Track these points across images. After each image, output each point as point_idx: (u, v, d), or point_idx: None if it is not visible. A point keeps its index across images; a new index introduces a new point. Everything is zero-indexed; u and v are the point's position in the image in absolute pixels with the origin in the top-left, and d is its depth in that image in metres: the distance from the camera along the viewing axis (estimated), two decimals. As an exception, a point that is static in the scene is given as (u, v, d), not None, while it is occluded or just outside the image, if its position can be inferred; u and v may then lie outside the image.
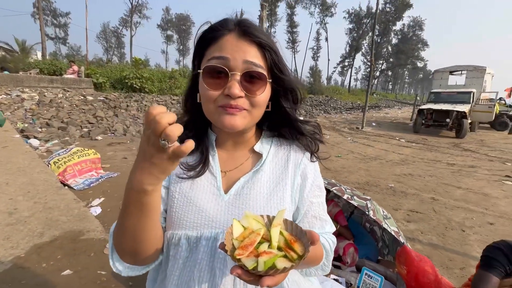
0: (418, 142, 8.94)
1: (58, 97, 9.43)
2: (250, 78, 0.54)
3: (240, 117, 0.55)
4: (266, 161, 0.65)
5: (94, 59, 24.77)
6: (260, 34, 0.55)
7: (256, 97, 0.55)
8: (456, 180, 4.88)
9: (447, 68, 12.71)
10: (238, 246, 0.43)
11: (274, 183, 0.63)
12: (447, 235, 2.95)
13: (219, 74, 0.53)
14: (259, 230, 0.46)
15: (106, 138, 7.02)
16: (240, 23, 0.56)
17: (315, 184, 0.67)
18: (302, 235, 0.46)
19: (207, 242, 0.57)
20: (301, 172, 0.66)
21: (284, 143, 0.69)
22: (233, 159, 0.66)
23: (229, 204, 0.60)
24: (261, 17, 5.86)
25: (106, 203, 3.29)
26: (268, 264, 0.40)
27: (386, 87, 71.20)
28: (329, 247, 0.65)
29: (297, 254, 0.43)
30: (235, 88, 0.52)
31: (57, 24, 42.87)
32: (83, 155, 4.09)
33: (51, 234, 2.46)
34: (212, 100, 0.54)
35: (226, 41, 0.54)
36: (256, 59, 0.54)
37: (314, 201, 0.66)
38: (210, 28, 0.57)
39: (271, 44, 0.56)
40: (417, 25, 50.17)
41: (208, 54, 0.56)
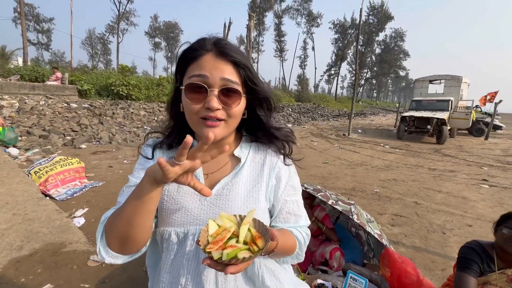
0: (402, 148, 9.25)
1: (40, 104, 9.13)
2: (227, 92, 0.61)
3: (218, 129, 0.62)
4: (244, 165, 0.73)
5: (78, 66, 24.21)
6: (234, 53, 0.62)
7: (232, 109, 0.62)
8: (437, 184, 5.08)
9: (427, 77, 13.32)
10: (211, 241, 0.50)
11: (251, 185, 0.71)
12: (429, 237, 3.06)
13: (200, 89, 0.60)
14: (230, 228, 0.53)
15: (90, 147, 6.85)
16: (217, 43, 0.62)
17: (289, 184, 0.75)
18: (265, 232, 0.54)
19: (193, 237, 0.66)
20: (275, 174, 0.74)
21: (261, 148, 0.77)
22: (215, 162, 0.72)
23: (211, 204, 0.68)
24: (248, 26, 5.98)
25: (90, 213, 3.19)
26: (230, 255, 0.48)
27: (371, 95, 73.42)
28: (303, 238, 0.73)
29: (259, 247, 0.51)
30: (214, 102, 0.59)
31: (40, 30, 41.74)
32: (66, 164, 3.97)
33: (31, 247, 2.36)
34: (194, 112, 0.62)
35: (205, 60, 0.61)
36: (232, 76, 0.62)
37: (288, 199, 0.74)
38: (190, 48, 0.64)
39: (244, 62, 0.64)
40: (399, 36, 52.39)
41: (189, 71, 0.63)
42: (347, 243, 2.28)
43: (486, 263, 1.35)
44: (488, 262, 1.36)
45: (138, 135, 8.56)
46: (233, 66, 0.62)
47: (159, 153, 0.74)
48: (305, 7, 42.84)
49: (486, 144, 10.85)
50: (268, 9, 41.71)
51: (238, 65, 0.63)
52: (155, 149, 0.74)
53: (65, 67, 16.96)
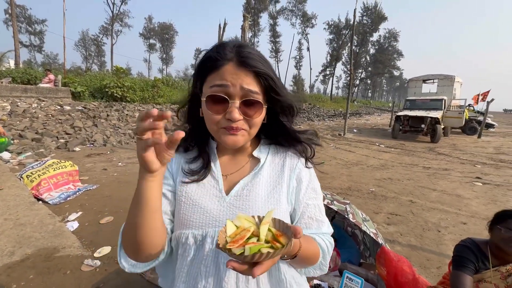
0: (397, 147, 9.33)
1: (32, 107, 9.00)
2: (248, 104, 0.61)
3: (240, 136, 0.62)
4: (264, 165, 0.71)
5: (72, 68, 23.96)
6: (256, 63, 0.60)
7: (253, 120, 0.62)
8: (431, 182, 5.12)
9: (421, 77, 13.47)
10: (230, 242, 0.48)
11: (271, 186, 0.69)
12: (424, 236, 3.08)
13: (221, 100, 0.60)
14: (249, 228, 0.51)
15: (84, 149, 6.77)
16: (238, 52, 0.61)
17: (310, 187, 0.72)
18: (287, 230, 0.51)
19: (212, 240, 0.63)
20: (296, 176, 0.71)
21: (280, 150, 0.75)
22: (234, 163, 0.72)
23: (231, 204, 0.66)
24: (243, 27, 5.98)
25: (84, 217, 3.14)
26: (253, 250, 0.45)
27: (366, 95, 74.03)
28: (326, 246, 0.69)
29: (282, 244, 0.48)
30: (235, 113, 0.59)
31: (32, 32, 41.23)
32: (59, 168, 3.91)
33: (23, 253, 2.32)
34: (215, 123, 0.62)
35: (226, 70, 0.60)
36: (253, 86, 0.60)
37: (310, 203, 0.71)
38: (209, 58, 0.62)
39: (267, 71, 0.62)
40: (392, 37, 52.95)
41: (209, 80, 0.62)
42: (343, 243, 2.28)
43: (481, 260, 1.36)
44: (483, 259, 1.37)
45: (133, 137, 8.48)
46: (255, 76, 0.61)
47: (175, 158, 0.72)
48: (299, 8, 43.08)
49: (479, 142, 11.00)
50: (263, 10, 41.84)
51: (259, 75, 0.61)
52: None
53: (58, 69, 16.79)
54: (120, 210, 3.33)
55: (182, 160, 0.72)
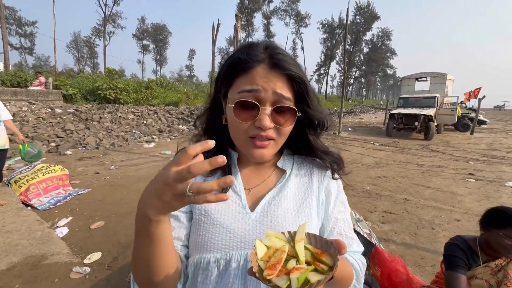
0: (391, 145, 9.39)
1: (23, 110, 8.83)
2: (280, 111, 0.56)
3: (267, 149, 0.57)
4: (290, 176, 0.66)
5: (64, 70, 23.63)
6: (290, 65, 0.55)
7: (284, 129, 0.57)
8: (425, 180, 5.15)
9: (414, 75, 13.60)
10: (265, 266, 0.41)
11: (300, 199, 0.63)
12: (419, 233, 3.08)
13: (250, 108, 0.54)
14: (283, 247, 0.44)
15: (76, 153, 6.66)
16: (270, 54, 0.56)
17: (339, 200, 0.67)
18: (328, 246, 0.45)
19: (238, 264, 0.55)
20: (325, 188, 0.66)
21: (306, 160, 0.70)
22: (256, 175, 0.66)
23: (257, 222, 0.59)
24: (235, 27, 5.94)
25: (74, 222, 3.07)
26: (301, 280, 0.39)
27: (360, 94, 74.59)
28: (359, 267, 0.62)
29: (327, 265, 0.42)
30: (266, 121, 0.54)
31: (22, 34, 40.58)
32: (49, 172, 3.83)
33: (9, 261, 2.25)
34: (243, 131, 0.56)
35: (256, 73, 0.55)
36: (285, 92, 0.55)
37: (339, 217, 0.65)
38: (239, 59, 0.57)
39: (300, 75, 0.57)
40: (385, 35, 53.46)
41: (237, 84, 0.56)
42: (337, 243, 2.27)
43: (471, 257, 1.36)
44: (473, 256, 1.36)
45: (127, 140, 8.38)
46: (287, 80, 0.56)
47: None
48: (293, 7, 43.19)
49: (471, 139, 11.14)
50: (257, 10, 41.85)
51: (293, 79, 0.56)
52: None
53: (50, 72, 16.52)
54: (111, 215, 3.26)
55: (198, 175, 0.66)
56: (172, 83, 19.08)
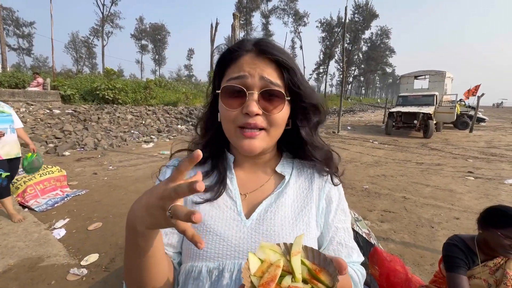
0: (390, 143, 9.38)
1: (20, 111, 8.79)
2: (268, 96, 0.54)
3: (258, 140, 0.55)
4: (289, 182, 0.63)
5: (62, 70, 23.56)
6: (277, 52, 0.54)
7: (273, 115, 0.54)
8: (424, 178, 5.15)
9: (412, 73, 13.59)
10: (258, 283, 0.38)
11: (299, 207, 0.60)
12: (418, 232, 3.07)
13: (237, 93, 0.53)
14: (278, 262, 0.41)
15: (74, 153, 6.63)
16: (257, 43, 0.56)
17: (340, 208, 0.64)
18: (326, 264, 0.42)
19: (231, 275, 0.52)
20: (325, 195, 0.64)
21: (306, 165, 0.67)
22: (253, 180, 0.63)
23: (252, 230, 0.56)
24: (233, 26, 5.92)
25: (72, 223, 3.06)
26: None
27: (359, 92, 74.64)
28: (358, 279, 0.59)
29: (325, 285, 0.39)
30: (253, 106, 0.52)
31: (20, 34, 40.43)
32: (46, 173, 3.81)
33: (5, 264, 2.23)
34: (231, 120, 0.54)
35: (244, 61, 0.54)
36: (273, 77, 0.54)
37: (340, 226, 0.62)
38: (228, 50, 0.58)
39: (289, 62, 0.55)
40: (384, 34, 53.43)
41: (227, 74, 0.56)
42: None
43: (470, 257, 1.34)
44: (471, 256, 1.35)
45: (125, 140, 8.36)
46: (276, 66, 0.54)
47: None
48: (291, 6, 43.09)
49: (470, 136, 11.14)
50: (255, 9, 41.75)
51: (281, 65, 0.54)
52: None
53: (48, 72, 16.46)
54: (109, 216, 3.24)
55: (192, 173, 0.63)
56: (171, 83, 19.04)
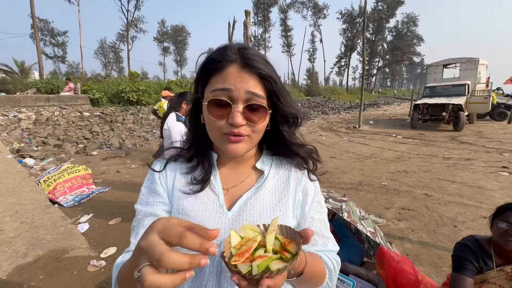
0: (415, 137, 8.87)
1: (55, 115, 9.54)
2: (251, 110, 0.57)
3: (242, 144, 0.58)
4: (268, 177, 0.67)
5: (92, 75, 25.12)
6: (260, 65, 0.58)
7: (256, 125, 0.59)
8: (451, 174, 4.81)
9: (440, 62, 12.66)
10: (235, 253, 0.43)
11: (276, 199, 0.65)
12: (438, 231, 2.89)
13: (223, 105, 0.56)
14: (255, 237, 0.46)
15: (101, 153, 7.07)
16: (241, 53, 0.58)
17: (316, 200, 0.68)
18: (295, 236, 0.47)
19: (212, 262, 0.57)
20: (302, 188, 0.68)
21: (284, 161, 0.71)
22: (235, 176, 0.67)
23: (233, 221, 0.61)
24: (245, 23, 5.92)
25: (95, 219, 3.28)
26: (261, 267, 0.41)
27: (384, 84, 71.11)
28: (332, 266, 0.63)
29: (291, 253, 0.44)
30: (238, 118, 0.55)
31: (55, 43, 43.66)
32: (74, 172, 4.11)
33: (35, 254, 2.46)
34: (217, 128, 0.58)
35: (229, 73, 0.57)
36: (257, 89, 0.57)
37: (315, 217, 0.66)
38: (212, 59, 0.59)
39: (271, 74, 0.59)
40: (411, 21, 50.29)
41: (211, 83, 0.58)
42: (344, 242, 2.19)
43: (483, 260, 1.25)
44: (485, 258, 1.25)
45: (148, 140, 8.75)
46: (258, 79, 0.58)
47: (172, 166, 0.68)
48: (310, -1, 42.04)
49: (509, 128, 10.18)
50: (273, 4, 41.31)
51: (263, 77, 0.58)
52: (168, 162, 0.68)
53: (80, 78, 17.64)
54: (129, 211, 3.44)
55: (178, 172, 0.67)
56: (192, 83, 19.50)
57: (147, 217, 0.61)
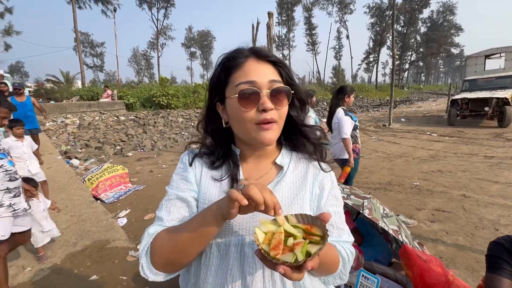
0: (452, 135, 8.25)
1: (95, 119, 10.42)
2: (276, 93, 0.63)
3: (273, 131, 0.63)
4: (287, 172, 0.71)
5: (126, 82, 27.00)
6: (270, 54, 0.65)
7: (282, 109, 0.64)
8: (493, 174, 4.43)
9: (482, 52, 11.61)
10: (268, 249, 0.47)
11: (294, 192, 0.69)
12: (477, 235, 2.71)
13: (251, 95, 0.61)
14: (280, 229, 0.50)
15: (136, 154, 7.59)
16: (253, 50, 0.65)
17: (332, 194, 0.72)
18: (314, 220, 0.52)
19: (236, 249, 0.62)
20: (319, 183, 0.71)
21: (302, 156, 0.76)
22: (257, 170, 0.72)
23: (254, 213, 0.65)
24: (268, 25, 5.99)
25: (132, 214, 3.57)
26: (304, 252, 0.46)
27: (418, 79, 66.62)
28: (346, 255, 0.67)
29: (318, 235, 0.49)
30: (268, 103, 0.61)
31: (94, 54, 47.55)
32: (113, 171, 4.49)
33: (83, 244, 2.75)
34: (249, 120, 0.62)
35: (249, 66, 0.62)
36: (276, 76, 0.64)
37: (331, 210, 0.70)
38: (229, 58, 0.65)
39: (281, 61, 0.66)
40: (448, 10, 46.58)
41: (234, 79, 0.63)
42: (369, 241, 2.17)
43: (520, 261, 1.18)
44: (522, 260, 1.18)
45: (177, 141, 9.20)
46: (273, 66, 0.64)
47: (198, 163, 0.73)
48: (335, -5, 40.87)
49: None
50: (297, 3, 40.86)
51: (277, 64, 0.65)
52: (195, 157, 0.73)
53: (116, 85, 19.05)
54: (161, 208, 3.69)
55: (204, 166, 0.72)
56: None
57: (178, 199, 0.67)
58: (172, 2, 38.30)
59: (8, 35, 20.29)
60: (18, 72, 56.99)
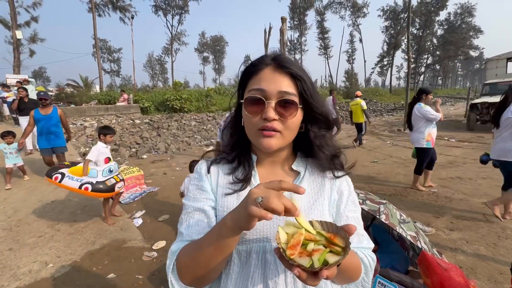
0: (472, 140, 7.95)
1: (112, 122, 10.78)
2: (283, 104, 0.63)
3: (274, 139, 0.64)
4: (304, 178, 0.71)
5: (141, 86, 27.79)
6: (291, 66, 0.65)
7: (288, 120, 0.64)
8: (517, 181, 4.23)
9: (503, 55, 11.17)
10: (287, 247, 0.48)
11: (313, 198, 0.69)
12: (500, 245, 2.59)
13: (258, 102, 0.63)
14: (301, 231, 0.51)
15: (150, 156, 7.77)
16: (276, 58, 0.66)
17: (350, 199, 0.72)
18: (339, 230, 0.52)
19: (257, 255, 0.62)
20: (337, 188, 0.71)
21: (318, 164, 0.75)
22: (273, 176, 0.72)
23: (274, 217, 0.64)
24: (281, 30, 6.03)
25: (147, 214, 3.66)
26: (321, 260, 0.46)
27: (434, 83, 64.74)
28: (368, 262, 0.66)
29: (340, 246, 0.48)
30: (270, 113, 0.62)
31: (112, 60, 49.33)
32: (129, 173, 4.62)
33: (101, 242, 2.85)
34: (253, 124, 0.64)
35: (264, 74, 0.64)
36: (289, 88, 0.63)
37: (350, 215, 0.70)
38: (251, 64, 0.68)
39: (301, 74, 0.65)
40: (466, 12, 45.24)
41: (249, 85, 0.66)
42: (386, 247, 2.12)
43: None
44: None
45: (189, 144, 9.35)
46: (290, 78, 0.64)
47: (215, 167, 0.74)
48: (348, -2, 40.60)
49: None
50: (309, 7, 40.91)
51: (294, 77, 0.64)
52: (212, 164, 0.74)
53: (131, 89, 19.65)
54: (175, 210, 3.75)
55: (220, 172, 0.73)
56: (229, 89, 20.31)
57: (195, 211, 0.66)
58: (187, 8, 39.24)
59: (33, 42, 21.40)
60: (41, 77, 59.83)
